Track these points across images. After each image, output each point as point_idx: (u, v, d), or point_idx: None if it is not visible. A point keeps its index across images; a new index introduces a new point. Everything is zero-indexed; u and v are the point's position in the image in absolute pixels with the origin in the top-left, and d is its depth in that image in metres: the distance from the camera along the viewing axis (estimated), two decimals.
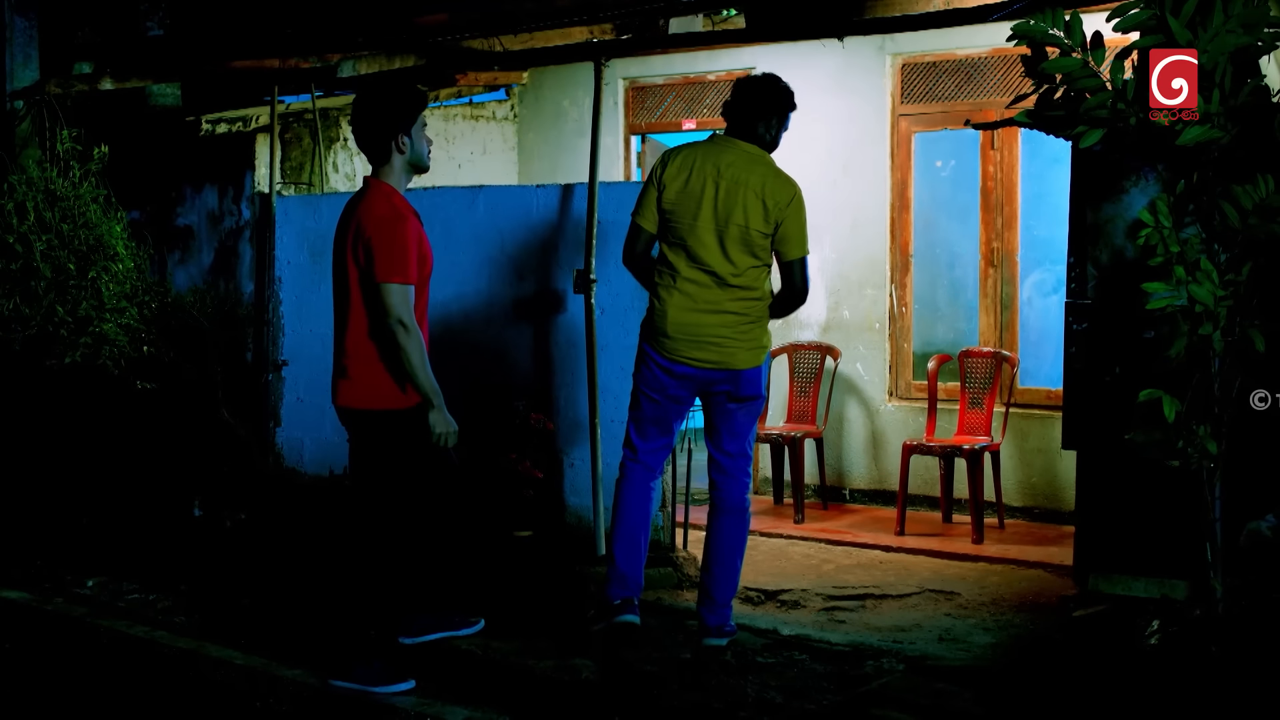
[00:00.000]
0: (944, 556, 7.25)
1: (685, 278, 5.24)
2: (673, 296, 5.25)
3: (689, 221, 5.23)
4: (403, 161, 5.19)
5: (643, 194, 5.32)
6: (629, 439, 5.46)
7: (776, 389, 8.82)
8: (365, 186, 5.21)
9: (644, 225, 5.31)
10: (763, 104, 5.34)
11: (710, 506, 5.43)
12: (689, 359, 5.25)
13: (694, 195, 5.22)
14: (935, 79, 8.40)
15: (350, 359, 5.11)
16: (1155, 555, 5.74)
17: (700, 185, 5.22)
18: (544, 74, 9.77)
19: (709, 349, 5.25)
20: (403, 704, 4.78)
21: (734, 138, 5.34)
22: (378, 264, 4.98)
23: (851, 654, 5.34)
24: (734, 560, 5.34)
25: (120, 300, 7.70)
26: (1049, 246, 8.04)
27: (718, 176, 5.22)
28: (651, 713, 4.67)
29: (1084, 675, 5.01)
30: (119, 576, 6.74)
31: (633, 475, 5.43)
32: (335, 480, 7.69)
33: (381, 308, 4.99)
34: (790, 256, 5.30)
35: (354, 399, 5.12)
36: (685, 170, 5.24)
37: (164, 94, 9.25)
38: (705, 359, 5.25)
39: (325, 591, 6.31)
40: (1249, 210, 4.91)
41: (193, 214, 8.64)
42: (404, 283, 4.99)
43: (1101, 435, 5.82)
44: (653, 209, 5.29)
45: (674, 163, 5.28)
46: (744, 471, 5.40)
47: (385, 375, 5.08)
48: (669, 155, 5.33)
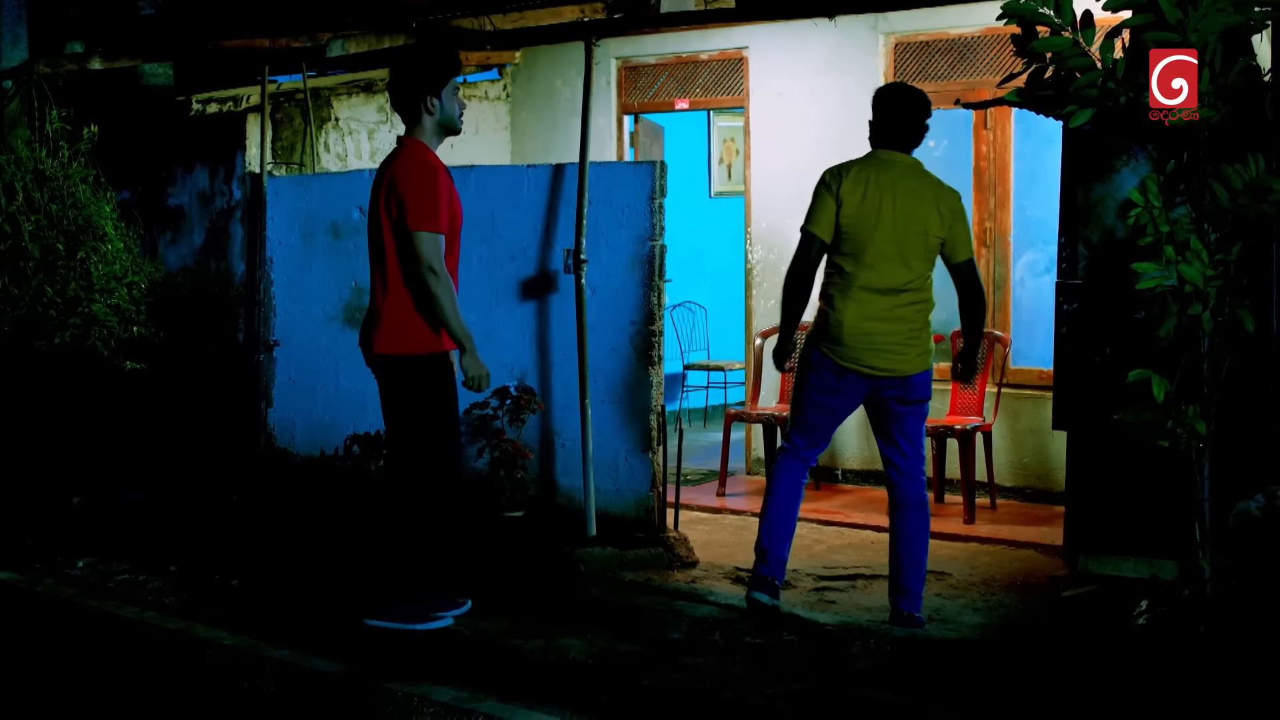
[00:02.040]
0: (935, 537, 7.10)
1: (861, 286, 5.46)
2: (849, 305, 5.46)
3: (869, 233, 5.44)
4: (433, 122, 5.41)
5: (818, 207, 5.50)
6: (791, 435, 5.71)
7: (769, 369, 8.80)
8: (399, 145, 5.45)
9: (820, 235, 5.51)
10: (915, 116, 5.58)
11: (891, 504, 5.67)
12: (864, 366, 5.48)
13: (873, 207, 5.44)
14: (929, 58, 8.36)
15: (384, 308, 5.34)
16: (1145, 535, 5.74)
17: (878, 198, 5.44)
18: (537, 53, 9.74)
19: (883, 356, 5.47)
20: (389, 685, 4.78)
21: (891, 149, 5.56)
22: (409, 213, 5.22)
23: (840, 634, 5.33)
24: (922, 553, 5.62)
25: (109, 281, 7.69)
26: (1042, 226, 8.02)
27: (894, 189, 5.46)
28: (638, 693, 4.67)
29: (1071, 655, 5.01)
30: (110, 557, 6.74)
31: (790, 467, 5.69)
32: (326, 461, 7.69)
33: (414, 255, 5.23)
34: (962, 258, 5.60)
35: (387, 345, 5.34)
36: (862, 184, 5.46)
37: (156, 73, 9.20)
38: (879, 366, 5.48)
39: (317, 570, 6.34)
40: (1239, 190, 4.88)
41: (184, 194, 8.62)
42: (434, 231, 5.23)
43: (1092, 416, 5.81)
44: (830, 221, 5.47)
45: (849, 177, 5.48)
46: (920, 470, 5.65)
47: (417, 322, 5.30)
48: (841, 170, 5.52)
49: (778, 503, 5.67)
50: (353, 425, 7.59)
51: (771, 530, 5.64)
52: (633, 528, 6.82)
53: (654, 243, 6.80)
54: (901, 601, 5.56)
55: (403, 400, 5.40)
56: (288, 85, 8.34)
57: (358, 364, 7.62)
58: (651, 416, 6.83)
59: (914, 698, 4.59)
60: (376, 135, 9.05)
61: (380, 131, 9.07)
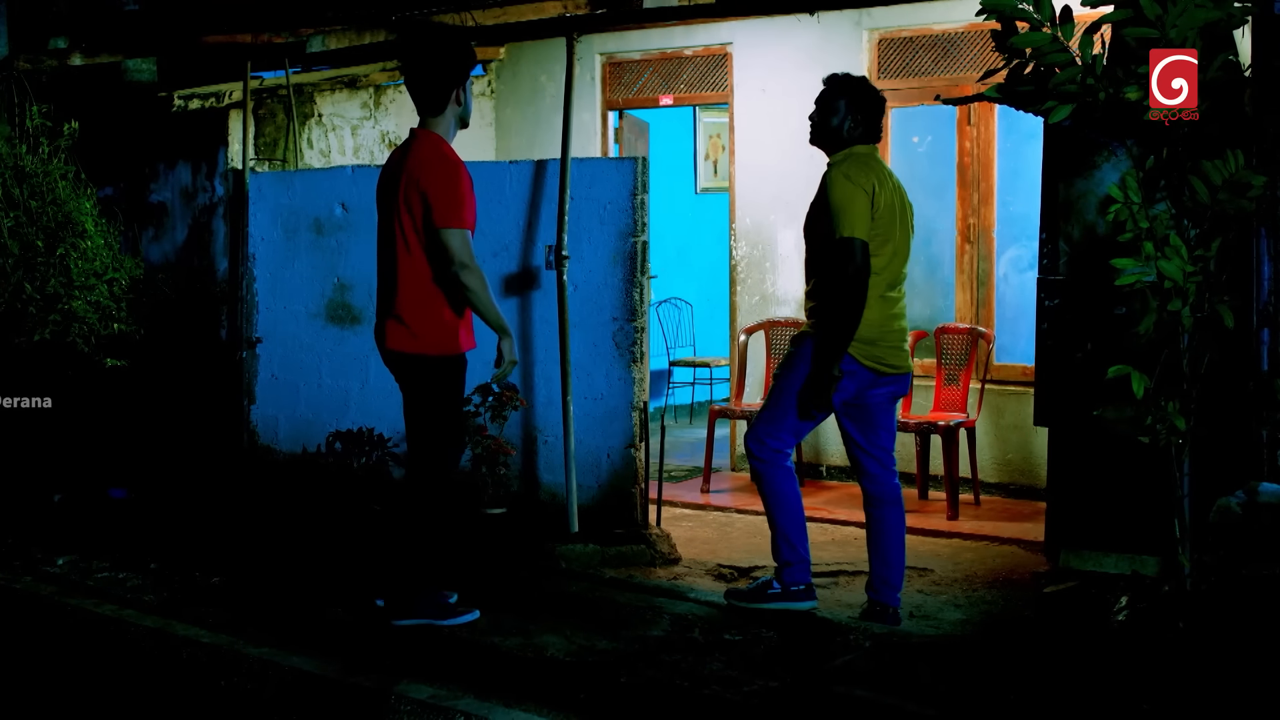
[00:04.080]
0: (919, 533, 7.22)
1: (888, 284, 5.41)
2: (875, 304, 5.37)
3: (891, 232, 5.39)
4: (455, 114, 5.36)
5: (856, 211, 5.28)
6: (781, 435, 5.52)
7: (754, 366, 8.80)
8: (413, 136, 5.36)
9: (866, 239, 5.29)
10: (879, 106, 5.55)
11: (871, 501, 5.58)
12: (886, 365, 5.45)
13: (893, 207, 5.41)
14: (912, 54, 8.36)
15: (403, 306, 5.28)
16: (1126, 531, 5.74)
17: (890, 196, 5.41)
18: (521, 49, 9.72)
19: (902, 354, 5.50)
20: (365, 683, 4.76)
21: (871, 144, 5.51)
22: (436, 211, 5.16)
23: (820, 631, 5.32)
24: (902, 547, 5.59)
25: (89, 277, 7.66)
26: (1026, 222, 8.02)
27: (898, 189, 5.47)
28: (616, 690, 4.65)
29: (1050, 651, 5.00)
30: (90, 555, 6.71)
31: (787, 471, 5.59)
32: (309, 458, 7.67)
33: (444, 253, 5.17)
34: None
35: (408, 344, 5.30)
36: (882, 184, 5.39)
37: (140, 69, 9.16)
38: (900, 364, 5.49)
39: (298, 568, 6.32)
40: (1218, 186, 4.89)
41: (166, 190, 8.58)
42: (462, 227, 5.19)
43: (1073, 412, 5.81)
44: (868, 223, 5.32)
45: (870, 176, 5.36)
46: (894, 465, 5.61)
47: (439, 322, 5.28)
48: (862, 169, 5.36)
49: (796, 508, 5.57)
50: (335, 422, 7.57)
51: (801, 534, 5.57)
52: (615, 524, 6.80)
53: (636, 239, 6.79)
54: (883, 593, 5.54)
55: (417, 398, 5.39)
56: (271, 81, 8.30)
57: (340, 361, 7.67)
58: (634, 413, 6.82)
59: (893, 694, 4.58)
60: (360, 131, 9.03)
61: (364, 128, 9.05)
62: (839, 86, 5.56)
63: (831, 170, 5.42)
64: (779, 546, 5.56)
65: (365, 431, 7.40)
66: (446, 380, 5.36)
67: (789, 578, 5.54)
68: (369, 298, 7.52)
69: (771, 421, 5.53)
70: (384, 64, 8.75)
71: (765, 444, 5.54)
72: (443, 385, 5.36)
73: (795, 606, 5.51)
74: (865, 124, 5.49)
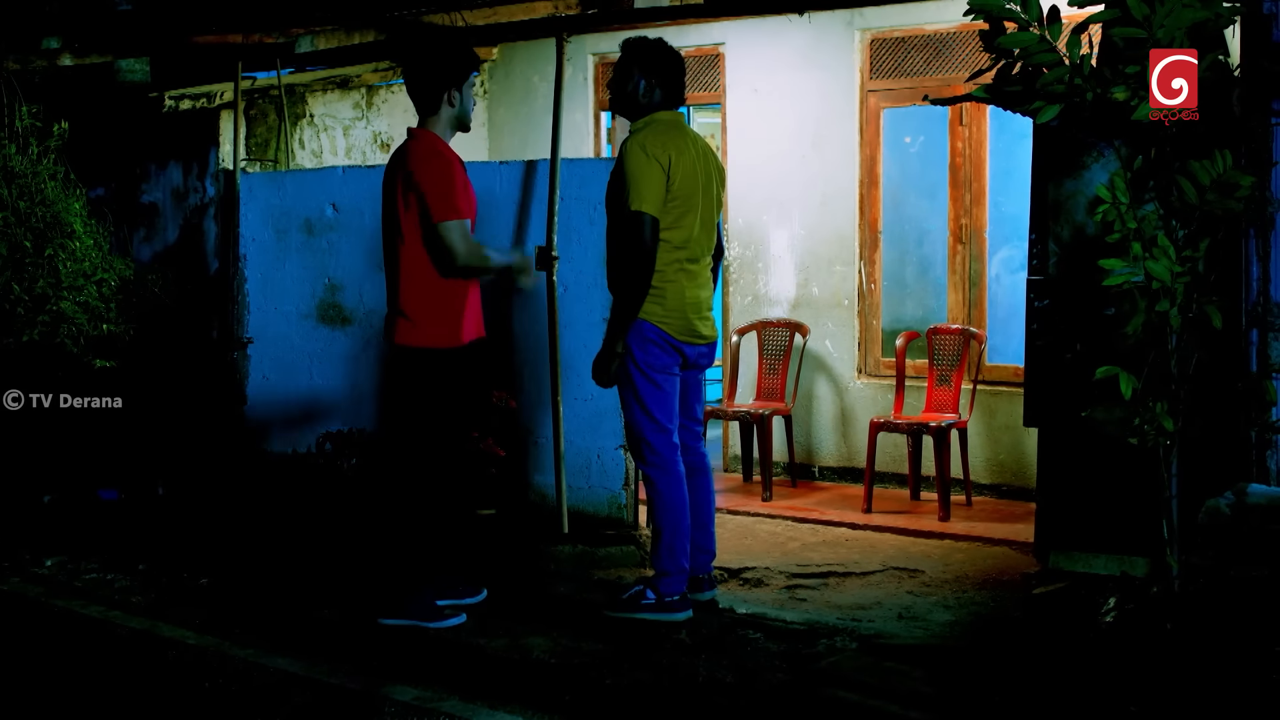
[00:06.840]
0: (910, 534, 7.23)
1: (689, 257, 5.38)
2: (679, 277, 5.36)
3: (693, 202, 5.34)
4: (450, 115, 5.49)
5: (648, 184, 5.20)
6: (653, 439, 5.40)
7: (746, 366, 8.79)
8: (410, 136, 5.50)
9: (654, 214, 5.23)
10: (679, 70, 5.51)
11: (688, 472, 5.54)
12: (694, 336, 5.45)
13: (694, 176, 5.34)
14: (904, 54, 8.34)
15: (405, 301, 5.40)
16: (1115, 532, 5.73)
17: (691, 164, 5.33)
18: (514, 50, 9.70)
19: (709, 324, 5.52)
20: (350, 684, 4.75)
21: (673, 110, 5.45)
22: (431, 206, 5.30)
23: (806, 633, 5.31)
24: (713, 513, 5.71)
25: (78, 278, 7.64)
26: (1017, 223, 7.99)
27: (699, 154, 5.38)
28: (602, 692, 4.64)
29: (1038, 653, 4.99)
30: (79, 556, 6.70)
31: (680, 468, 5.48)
32: (300, 458, 7.64)
33: (443, 246, 5.31)
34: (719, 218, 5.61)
35: (411, 337, 5.40)
36: (681, 152, 5.30)
37: (133, 70, 9.13)
38: (705, 334, 5.50)
39: (287, 569, 6.30)
40: (1206, 186, 4.87)
41: (157, 191, 8.56)
42: (458, 219, 5.31)
43: (1063, 413, 5.79)
44: (661, 196, 5.23)
45: (668, 146, 5.27)
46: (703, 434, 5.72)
47: (441, 315, 5.39)
48: (656, 139, 5.27)
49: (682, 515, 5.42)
50: (326, 423, 7.55)
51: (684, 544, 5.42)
52: (605, 525, 6.79)
53: None
54: (709, 564, 5.66)
55: (409, 391, 5.48)
56: (263, 81, 8.29)
57: (331, 362, 7.66)
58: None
59: (879, 696, 4.57)
60: (352, 132, 9.01)
61: (356, 128, 9.03)
62: (631, 52, 5.47)
63: (628, 140, 5.34)
64: (659, 554, 5.42)
65: (356, 432, 7.38)
66: (450, 374, 5.44)
67: (665, 588, 5.39)
68: (359, 298, 7.51)
69: (633, 427, 5.48)
70: (376, 64, 8.74)
71: (648, 450, 5.44)
72: (446, 379, 5.44)
73: (669, 618, 5.37)
74: (665, 88, 5.42)
